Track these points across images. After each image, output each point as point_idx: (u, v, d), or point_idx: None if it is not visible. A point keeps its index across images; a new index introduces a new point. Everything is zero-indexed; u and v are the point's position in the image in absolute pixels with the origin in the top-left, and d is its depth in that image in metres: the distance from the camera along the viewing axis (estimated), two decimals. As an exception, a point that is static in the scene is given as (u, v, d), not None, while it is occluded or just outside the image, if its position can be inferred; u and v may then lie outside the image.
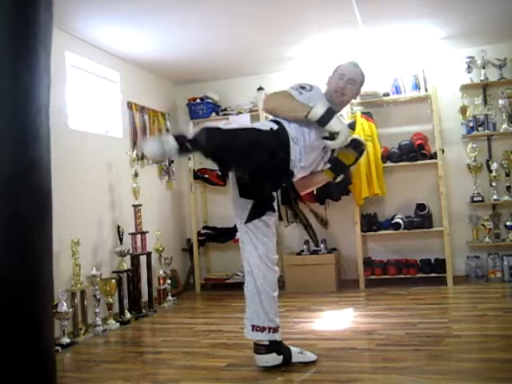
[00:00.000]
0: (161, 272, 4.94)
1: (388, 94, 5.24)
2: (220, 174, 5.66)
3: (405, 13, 4.15)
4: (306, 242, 5.31)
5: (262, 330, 2.78)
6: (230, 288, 5.51)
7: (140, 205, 4.64)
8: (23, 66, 1.48)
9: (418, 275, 5.07)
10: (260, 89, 5.53)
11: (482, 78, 5.10)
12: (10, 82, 1.45)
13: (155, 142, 2.42)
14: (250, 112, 5.50)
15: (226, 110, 5.67)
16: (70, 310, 3.66)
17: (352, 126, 2.77)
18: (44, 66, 1.55)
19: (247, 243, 2.87)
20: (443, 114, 5.16)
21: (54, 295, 1.64)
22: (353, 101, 5.26)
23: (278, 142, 2.58)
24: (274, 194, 2.67)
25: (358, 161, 2.85)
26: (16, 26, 1.45)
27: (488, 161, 5.12)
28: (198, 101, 5.63)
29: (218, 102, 5.71)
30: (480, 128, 5.08)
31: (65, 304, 3.58)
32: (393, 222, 5.12)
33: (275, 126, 2.64)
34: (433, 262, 5.10)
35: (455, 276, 4.95)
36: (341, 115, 2.97)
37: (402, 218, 5.11)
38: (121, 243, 4.44)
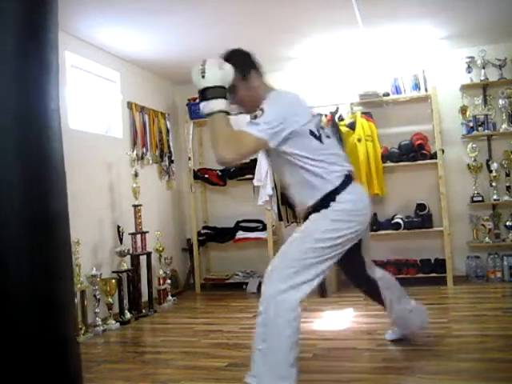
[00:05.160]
0: (161, 272, 4.94)
1: (388, 94, 5.23)
2: (220, 174, 5.66)
3: (405, 13, 4.15)
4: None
5: None
6: (230, 288, 5.52)
7: (140, 205, 4.64)
8: (37, 67, 1.48)
9: (418, 275, 5.06)
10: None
11: (482, 77, 5.10)
12: (22, 87, 1.45)
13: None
14: (249, 112, 5.49)
15: (225, 110, 5.66)
16: (70, 309, 3.66)
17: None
18: (55, 69, 1.56)
19: None
20: (443, 114, 5.16)
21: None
22: (353, 101, 5.36)
23: None
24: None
25: None
26: (26, 29, 1.46)
27: (488, 161, 5.12)
28: (198, 101, 5.61)
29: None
30: (480, 128, 5.08)
31: (65, 304, 3.57)
32: (393, 221, 5.12)
33: None
34: (433, 262, 5.10)
35: (455, 276, 4.95)
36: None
37: (402, 218, 5.11)
38: (121, 243, 4.44)
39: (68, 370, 1.52)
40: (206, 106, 2.31)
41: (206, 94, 2.30)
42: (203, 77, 2.28)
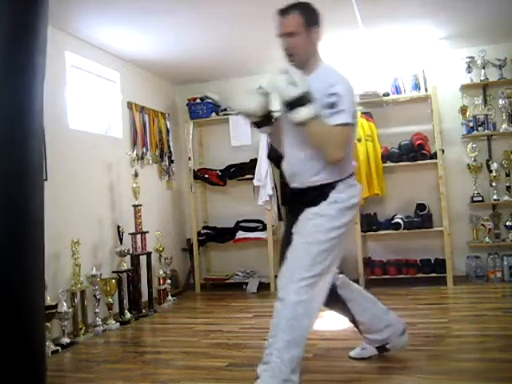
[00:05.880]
0: (161, 272, 4.94)
1: (388, 94, 5.24)
2: (220, 174, 5.66)
3: (405, 13, 4.15)
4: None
5: None
6: (230, 288, 5.52)
7: (140, 205, 4.64)
8: (21, 72, 1.47)
9: (418, 275, 5.06)
10: (260, 89, 5.52)
11: (482, 77, 5.10)
12: (6, 88, 1.44)
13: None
14: (249, 112, 5.49)
15: (225, 110, 5.66)
16: (70, 310, 3.66)
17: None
18: (42, 72, 1.55)
19: None
20: (443, 114, 5.16)
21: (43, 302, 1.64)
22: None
23: None
24: None
25: None
26: (15, 33, 1.44)
27: (488, 161, 5.12)
28: (198, 101, 5.63)
29: (217, 102, 5.70)
30: (480, 128, 5.08)
31: (65, 304, 3.58)
32: (393, 221, 5.12)
33: None
34: (433, 262, 5.10)
35: (455, 276, 4.95)
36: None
37: (402, 218, 5.11)
38: (121, 243, 4.44)
39: (34, 372, 1.52)
40: (305, 112, 2.25)
41: (303, 99, 2.25)
42: (296, 84, 2.26)
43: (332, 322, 3.85)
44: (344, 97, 2.31)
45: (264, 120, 2.52)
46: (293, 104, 2.26)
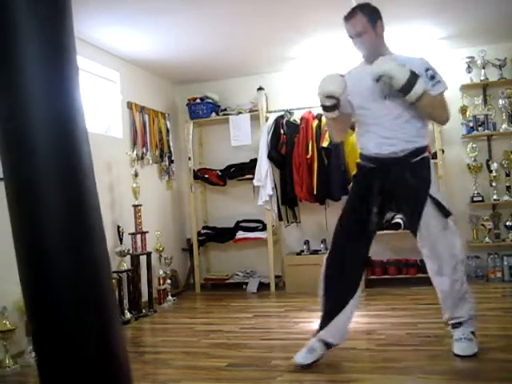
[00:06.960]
0: (161, 272, 4.94)
1: (388, 94, 5.23)
2: (220, 174, 5.66)
3: (405, 13, 4.15)
4: (306, 242, 5.31)
5: None
6: (230, 288, 5.52)
7: (140, 205, 4.64)
8: (67, 72, 1.50)
9: (418, 275, 5.06)
10: (260, 89, 5.53)
11: (482, 77, 5.10)
12: (56, 86, 1.45)
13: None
14: (250, 112, 5.50)
15: (225, 110, 5.67)
16: (70, 309, 3.65)
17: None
18: (78, 72, 1.57)
19: None
20: (443, 114, 5.16)
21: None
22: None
23: None
24: None
25: None
26: (56, 33, 1.48)
27: (488, 161, 5.12)
28: (198, 101, 5.63)
29: (217, 102, 5.71)
30: (480, 128, 5.08)
31: (65, 304, 3.57)
32: (393, 222, 5.11)
33: None
34: (433, 261, 5.09)
35: (455, 276, 4.94)
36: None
37: (401, 218, 5.10)
38: (121, 243, 4.44)
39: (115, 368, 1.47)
40: (419, 88, 2.63)
41: (412, 81, 2.61)
42: (404, 66, 2.64)
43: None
44: (435, 69, 2.83)
45: (336, 104, 2.79)
46: (406, 84, 2.59)
